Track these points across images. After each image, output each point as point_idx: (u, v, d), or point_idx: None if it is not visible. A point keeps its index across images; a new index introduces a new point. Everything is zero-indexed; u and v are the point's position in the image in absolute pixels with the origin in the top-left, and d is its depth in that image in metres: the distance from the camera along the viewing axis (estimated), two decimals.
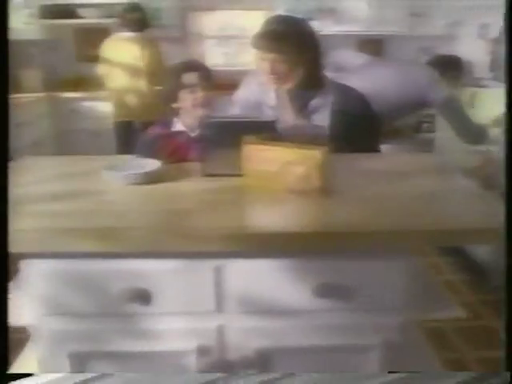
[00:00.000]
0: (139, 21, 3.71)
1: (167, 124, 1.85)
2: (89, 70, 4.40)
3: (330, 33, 4.13)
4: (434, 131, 3.43)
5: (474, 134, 2.60)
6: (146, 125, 2.03)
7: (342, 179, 1.50)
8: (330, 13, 4.52)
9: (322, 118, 1.84)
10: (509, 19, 1.02)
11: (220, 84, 2.01)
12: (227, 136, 1.50)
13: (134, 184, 1.47)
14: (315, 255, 1.21)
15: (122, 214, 1.25)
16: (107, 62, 3.79)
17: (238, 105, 1.94)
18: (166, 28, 4.38)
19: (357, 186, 1.49)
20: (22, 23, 4.28)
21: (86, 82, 4.53)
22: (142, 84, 3.75)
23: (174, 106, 1.83)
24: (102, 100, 4.17)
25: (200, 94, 1.78)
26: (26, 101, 3.94)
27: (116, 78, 3.78)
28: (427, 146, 3.32)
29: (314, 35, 1.80)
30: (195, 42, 4.75)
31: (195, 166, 1.58)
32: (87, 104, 4.37)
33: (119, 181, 1.47)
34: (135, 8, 3.74)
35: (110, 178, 1.47)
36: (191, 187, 1.48)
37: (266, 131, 1.51)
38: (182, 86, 1.79)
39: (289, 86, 1.81)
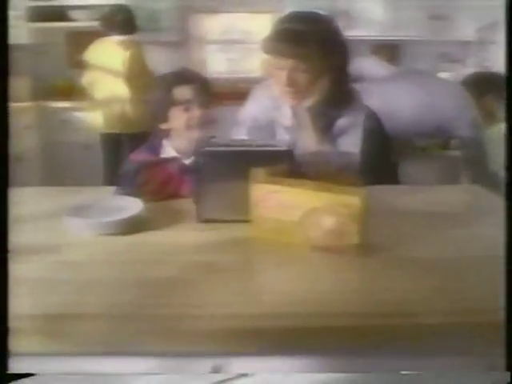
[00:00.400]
0: (125, 23, 3.38)
1: (155, 148, 1.48)
2: (82, 77, 4.11)
3: None
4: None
5: (487, 180, 2.19)
6: (134, 138, 1.67)
7: (380, 227, 1.12)
8: (342, 16, 4.15)
9: (352, 143, 1.47)
10: (509, 19, 0.96)
11: (223, 93, 1.63)
12: (230, 169, 1.15)
13: (106, 235, 1.10)
14: (352, 351, 0.84)
15: (79, 290, 0.88)
16: (92, 68, 3.45)
17: (244, 125, 1.56)
18: (164, 31, 4.03)
19: (402, 238, 1.12)
20: (9, 26, 3.93)
21: (79, 91, 4.18)
22: (127, 92, 3.40)
23: (164, 127, 1.46)
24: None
25: (196, 113, 1.42)
26: (12, 111, 3.57)
27: (100, 86, 3.44)
28: (456, 166, 2.94)
29: (341, 36, 1.42)
30: (196, 47, 4.40)
31: (189, 205, 1.21)
32: (79, 114, 4.01)
33: (84, 231, 1.10)
34: (121, 9, 3.42)
35: (72, 227, 1.11)
36: (181, 240, 1.11)
37: (281, 162, 1.14)
38: (174, 103, 1.42)
39: (310, 101, 1.44)
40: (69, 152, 3.97)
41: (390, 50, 4.37)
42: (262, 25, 4.21)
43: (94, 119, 3.58)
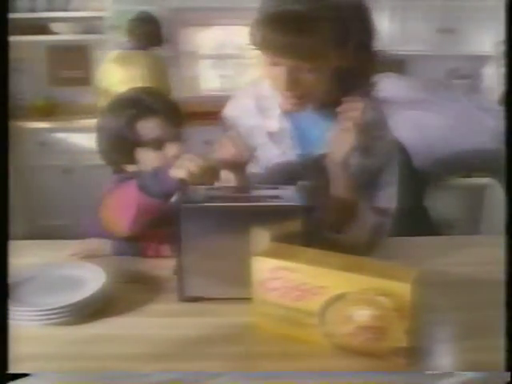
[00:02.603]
0: (151, 35, 3.05)
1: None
2: (63, 95, 3.84)
3: None
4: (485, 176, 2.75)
5: None
6: None
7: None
8: None
9: (390, 195, 1.13)
10: (509, 19, 0.91)
11: (216, 112, 1.30)
12: (221, 230, 0.85)
13: (52, 325, 0.80)
14: None
15: None
16: (106, 89, 3.03)
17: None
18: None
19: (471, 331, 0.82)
20: None
21: (59, 110, 3.90)
22: None
23: (131, 169, 1.13)
24: (77, 131, 3.54)
25: (172, 151, 1.07)
26: None
27: None
28: (478, 194, 2.66)
29: (369, 19, 0.96)
30: (187, 63, 4.13)
31: (167, 274, 0.92)
32: (59, 136, 3.71)
33: (25, 321, 0.80)
34: (148, 19, 3.06)
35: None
36: (153, 333, 0.81)
37: (292, 219, 0.85)
38: (137, 143, 1.08)
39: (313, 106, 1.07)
40: (47, 176, 3.67)
41: (395, 66, 4.13)
42: None
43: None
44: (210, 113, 1.26)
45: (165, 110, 1.08)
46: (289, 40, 0.88)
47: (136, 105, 1.08)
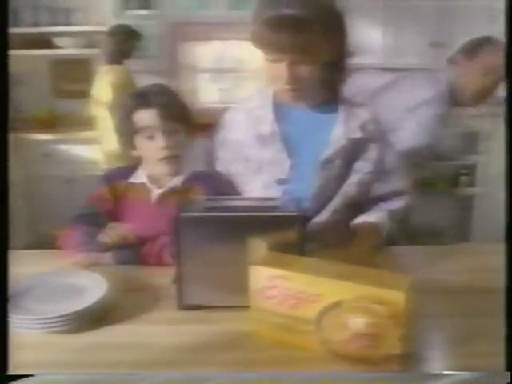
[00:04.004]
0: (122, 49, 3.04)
1: (127, 173, 1.22)
2: (65, 108, 3.84)
3: None
4: (474, 186, 2.74)
5: None
6: None
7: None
8: None
9: (393, 204, 1.20)
10: (509, 19, 0.91)
11: (214, 124, 1.31)
12: (220, 239, 0.85)
13: (55, 333, 0.80)
14: None
15: None
16: (98, 101, 3.05)
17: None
18: (152, 59, 3.76)
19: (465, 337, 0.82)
20: None
21: (62, 122, 3.91)
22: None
23: (135, 154, 1.20)
24: (78, 142, 3.54)
25: (160, 142, 1.13)
26: None
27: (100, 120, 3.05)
28: (466, 205, 2.66)
29: (344, 23, 1.10)
30: (187, 76, 4.14)
31: (166, 282, 0.91)
32: (62, 147, 3.71)
33: (28, 329, 0.80)
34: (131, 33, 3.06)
35: (12, 323, 0.80)
36: (153, 341, 0.80)
37: (289, 229, 0.85)
38: (135, 130, 1.15)
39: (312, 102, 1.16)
40: (50, 187, 3.67)
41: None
42: (254, 52, 3.97)
43: (97, 155, 3.24)
44: (209, 125, 1.28)
45: (162, 103, 1.14)
46: (288, 38, 1.00)
47: (138, 97, 1.17)
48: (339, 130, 1.13)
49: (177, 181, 1.17)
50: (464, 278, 1.02)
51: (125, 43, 3.11)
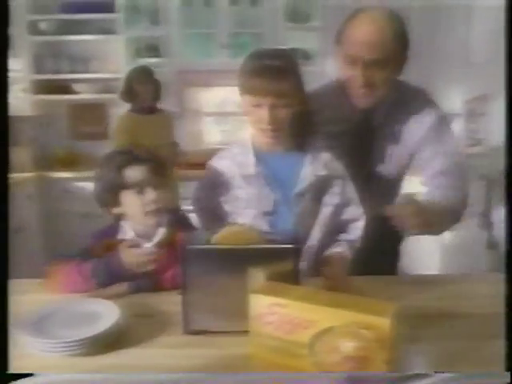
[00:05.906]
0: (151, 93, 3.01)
1: (113, 230, 1.20)
2: (82, 148, 3.92)
3: None
4: None
5: None
6: None
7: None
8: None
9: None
10: (509, 19, 0.91)
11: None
12: (223, 270, 0.87)
13: (71, 356, 0.81)
14: None
15: None
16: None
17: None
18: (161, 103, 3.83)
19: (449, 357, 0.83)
20: (13, 98, 3.72)
21: (79, 161, 3.96)
22: None
23: (116, 211, 1.17)
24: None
25: (150, 196, 1.13)
26: (14, 181, 3.28)
27: None
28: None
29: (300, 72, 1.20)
30: (192, 119, 4.22)
31: (175, 309, 0.93)
32: (80, 184, 3.72)
33: (45, 352, 0.81)
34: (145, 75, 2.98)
35: (30, 347, 0.81)
36: (161, 363, 0.81)
37: (285, 260, 0.88)
38: (124, 186, 1.13)
39: (287, 143, 1.22)
40: (69, 221, 3.68)
41: None
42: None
43: None
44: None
45: (149, 160, 1.15)
46: (268, 84, 1.09)
47: (126, 154, 1.16)
48: (307, 169, 1.19)
49: (161, 232, 1.15)
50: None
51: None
